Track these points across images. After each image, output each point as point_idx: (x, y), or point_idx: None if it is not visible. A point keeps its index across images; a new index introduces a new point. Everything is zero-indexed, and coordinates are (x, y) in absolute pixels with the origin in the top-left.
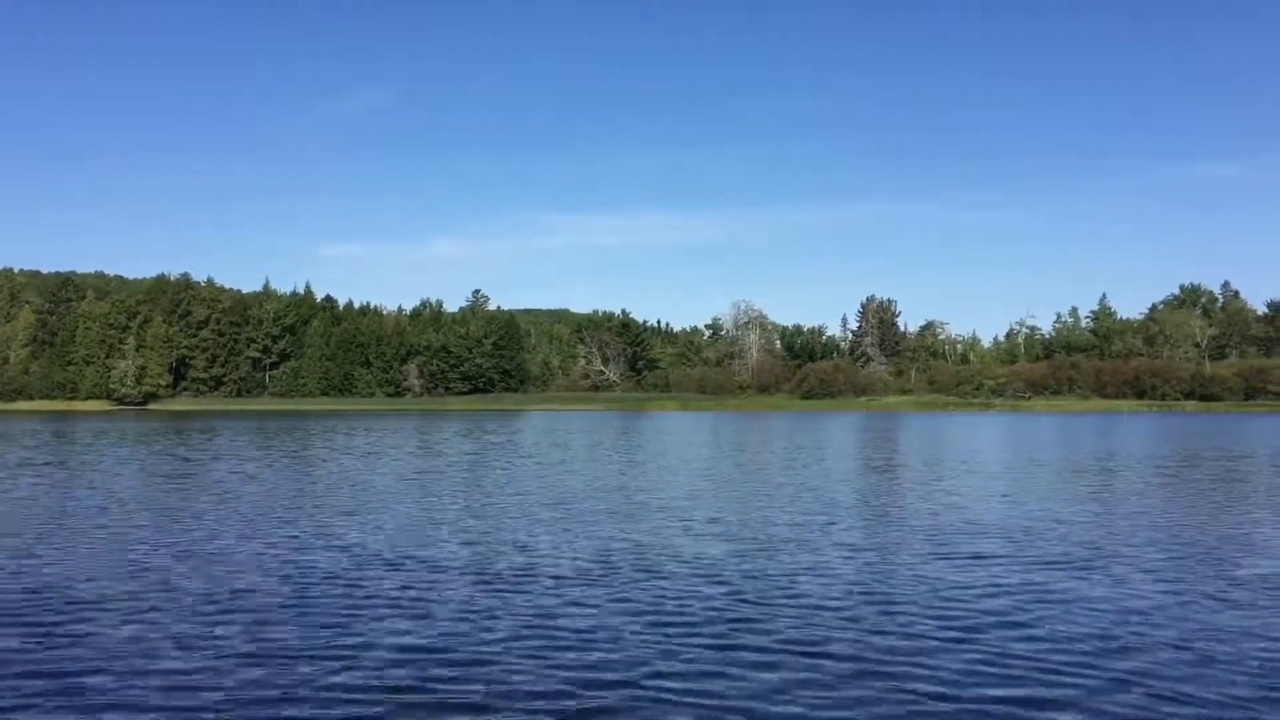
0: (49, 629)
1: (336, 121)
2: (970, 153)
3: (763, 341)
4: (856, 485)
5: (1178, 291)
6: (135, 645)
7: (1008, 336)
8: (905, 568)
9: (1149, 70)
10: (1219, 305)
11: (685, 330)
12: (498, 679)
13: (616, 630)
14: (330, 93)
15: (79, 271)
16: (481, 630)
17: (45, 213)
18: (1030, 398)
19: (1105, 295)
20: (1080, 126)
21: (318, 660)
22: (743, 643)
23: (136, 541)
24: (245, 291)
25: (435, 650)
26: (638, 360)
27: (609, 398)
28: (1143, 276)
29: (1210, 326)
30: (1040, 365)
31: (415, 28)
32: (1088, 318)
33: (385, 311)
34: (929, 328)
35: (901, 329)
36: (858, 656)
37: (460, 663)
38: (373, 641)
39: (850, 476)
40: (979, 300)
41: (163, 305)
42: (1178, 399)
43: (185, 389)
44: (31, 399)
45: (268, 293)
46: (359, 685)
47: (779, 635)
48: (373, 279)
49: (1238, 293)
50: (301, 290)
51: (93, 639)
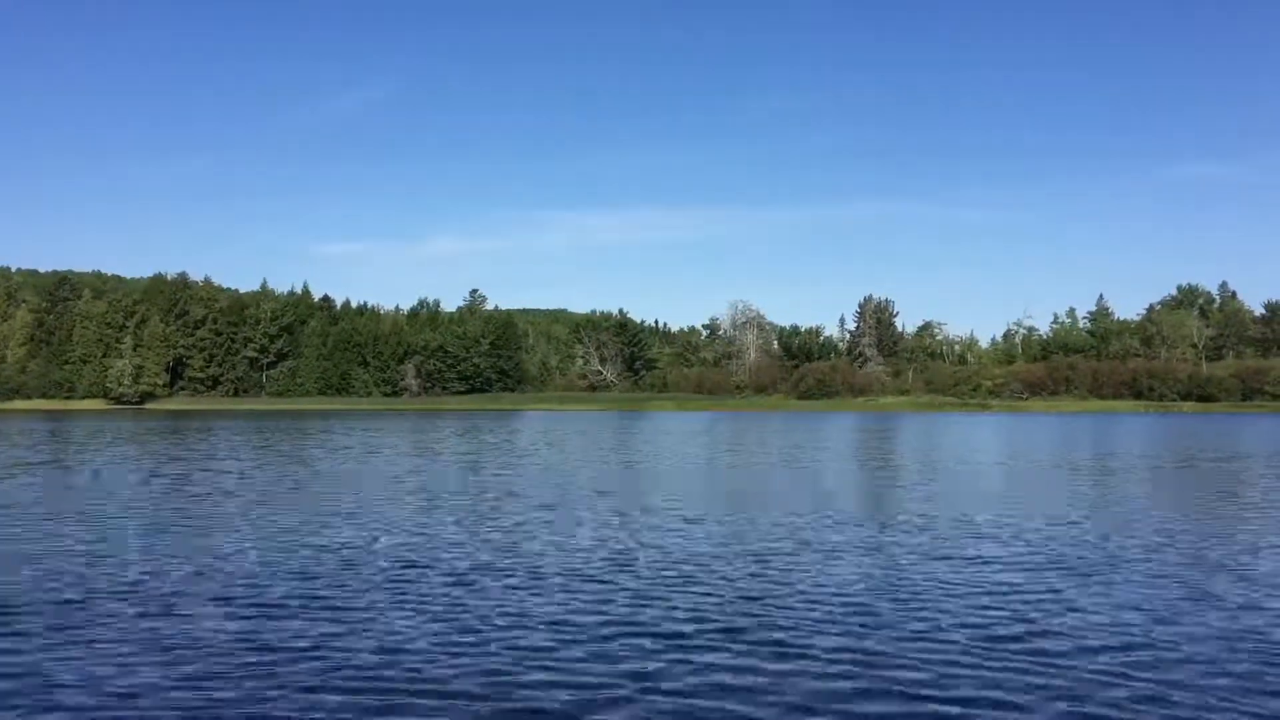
0: (50, 629)
1: (334, 120)
2: (969, 153)
3: (760, 341)
4: (852, 486)
5: (1175, 292)
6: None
7: (1005, 337)
8: (902, 569)
9: (1146, 71)
10: (1216, 306)
11: (683, 330)
12: (489, 677)
13: (613, 631)
14: (328, 91)
15: (76, 270)
16: (472, 629)
17: (42, 211)
18: (1027, 398)
19: (1103, 296)
20: (1078, 127)
21: (306, 657)
22: (739, 645)
23: (128, 541)
24: (243, 291)
25: (426, 648)
26: (635, 360)
27: (606, 398)
28: (1140, 277)
29: (1208, 327)
30: (1038, 366)
31: (412, 26)
32: (1085, 318)
33: (383, 311)
34: (927, 328)
35: (899, 329)
36: (854, 658)
37: (453, 661)
38: (364, 639)
39: (846, 477)
40: (977, 301)
41: (160, 304)
42: (1175, 400)
43: (182, 388)
44: (29, 398)
45: (265, 292)
46: (344, 685)
47: (776, 636)
48: (370, 278)
49: (1235, 293)
50: (299, 290)
51: (91, 639)
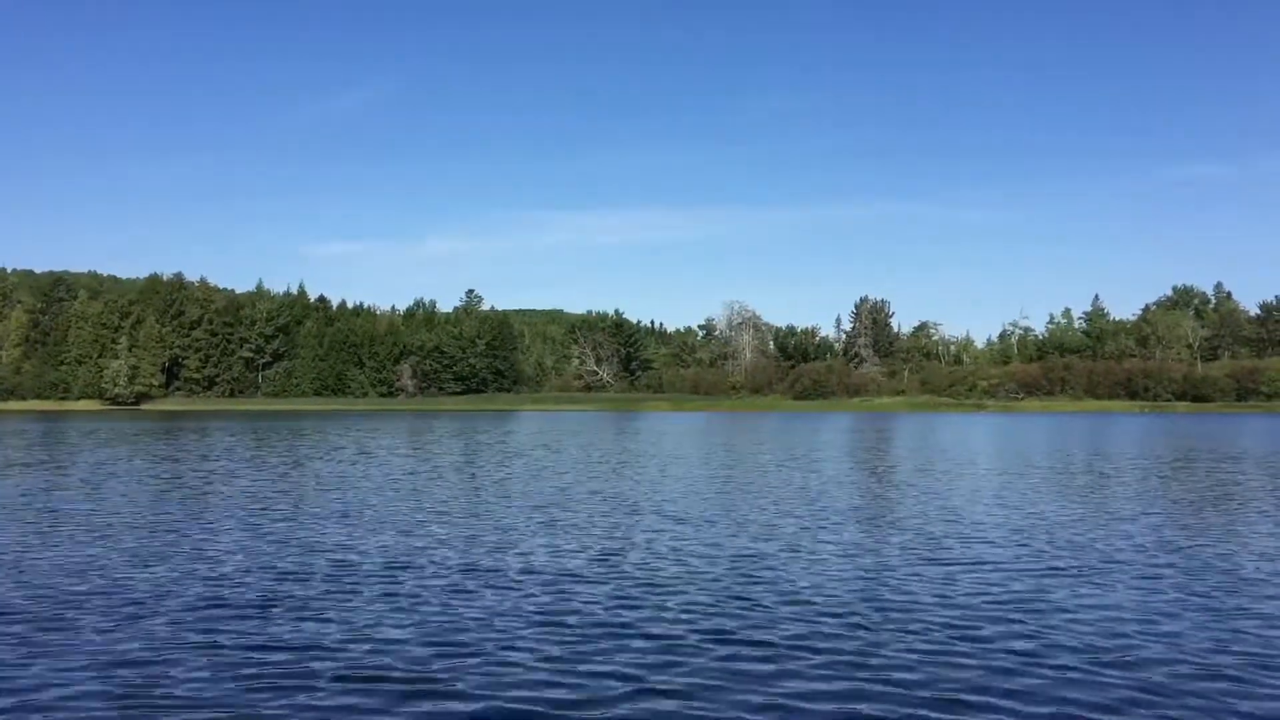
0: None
1: (330, 120)
2: (965, 154)
3: (756, 342)
4: (847, 487)
5: (1170, 293)
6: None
7: (1001, 337)
8: (898, 572)
9: (1142, 72)
10: (1211, 306)
11: (679, 330)
12: (481, 675)
13: (608, 633)
14: (324, 91)
15: (72, 271)
16: (462, 630)
17: (38, 212)
18: (1023, 398)
19: (1098, 296)
20: (1074, 128)
21: (292, 653)
22: (735, 646)
23: (119, 541)
24: (239, 291)
25: (418, 649)
26: (631, 361)
27: (602, 398)
28: (1136, 277)
29: (1203, 328)
30: (1033, 366)
31: (409, 25)
32: (1081, 318)
33: (379, 312)
34: (922, 328)
35: (895, 330)
36: (850, 661)
37: (445, 662)
38: (354, 639)
39: (842, 478)
40: (973, 301)
41: (155, 305)
42: (1170, 400)
43: (178, 389)
44: (24, 399)
45: (261, 293)
46: (332, 686)
47: (773, 637)
48: (367, 278)
49: (1230, 294)
50: (295, 290)
51: (81, 638)
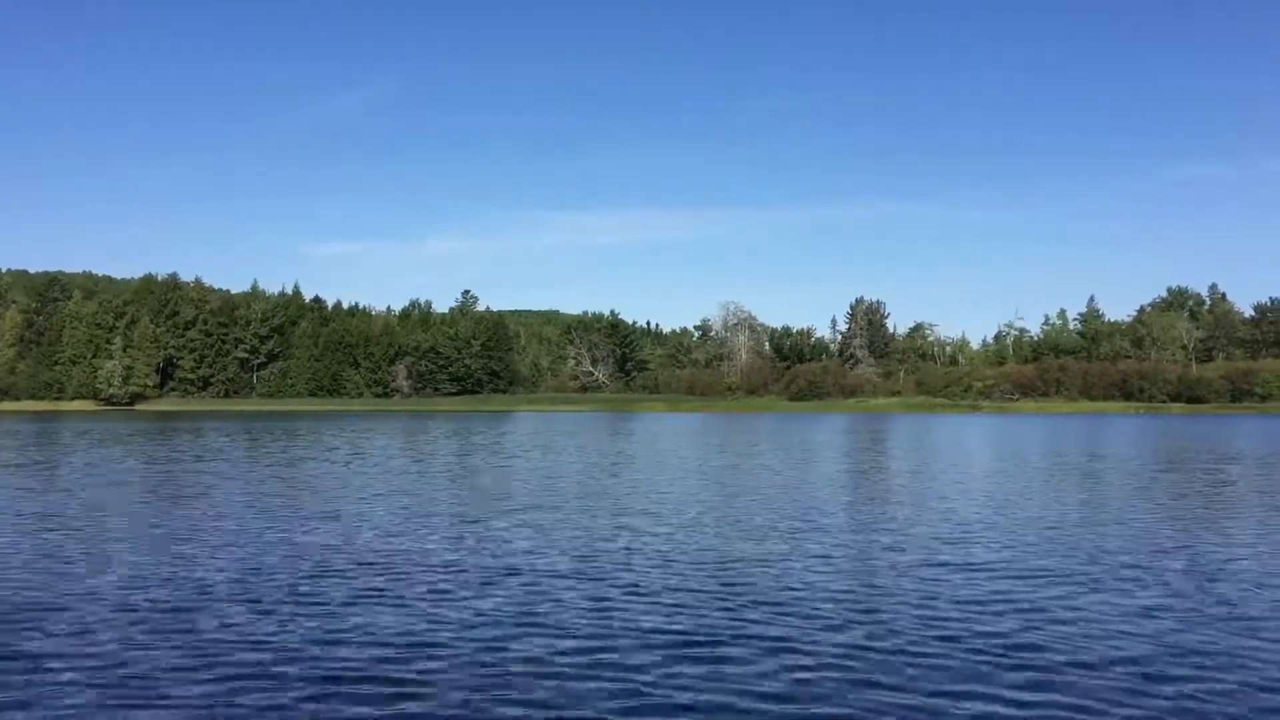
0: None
1: (330, 120)
2: (961, 154)
3: (752, 343)
4: (843, 488)
5: (1165, 294)
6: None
7: (996, 338)
8: (895, 575)
9: (1138, 72)
10: (1206, 308)
11: (674, 331)
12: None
13: (604, 635)
14: (324, 91)
15: (66, 271)
16: (455, 629)
17: (32, 212)
18: (1018, 399)
19: (1093, 297)
20: (1070, 129)
21: (272, 653)
22: (726, 647)
23: (112, 541)
24: (234, 292)
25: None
26: (627, 361)
27: (597, 399)
28: (1131, 279)
29: (1197, 329)
30: (1028, 367)
31: (408, 26)
32: (1076, 320)
33: (374, 312)
34: (918, 329)
35: (890, 330)
36: (845, 665)
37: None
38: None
39: (837, 479)
40: (968, 302)
41: (150, 305)
42: (1164, 401)
43: (173, 389)
44: (18, 399)
45: (256, 293)
46: (319, 692)
47: (768, 639)
48: (362, 279)
49: (1225, 295)
50: (290, 290)
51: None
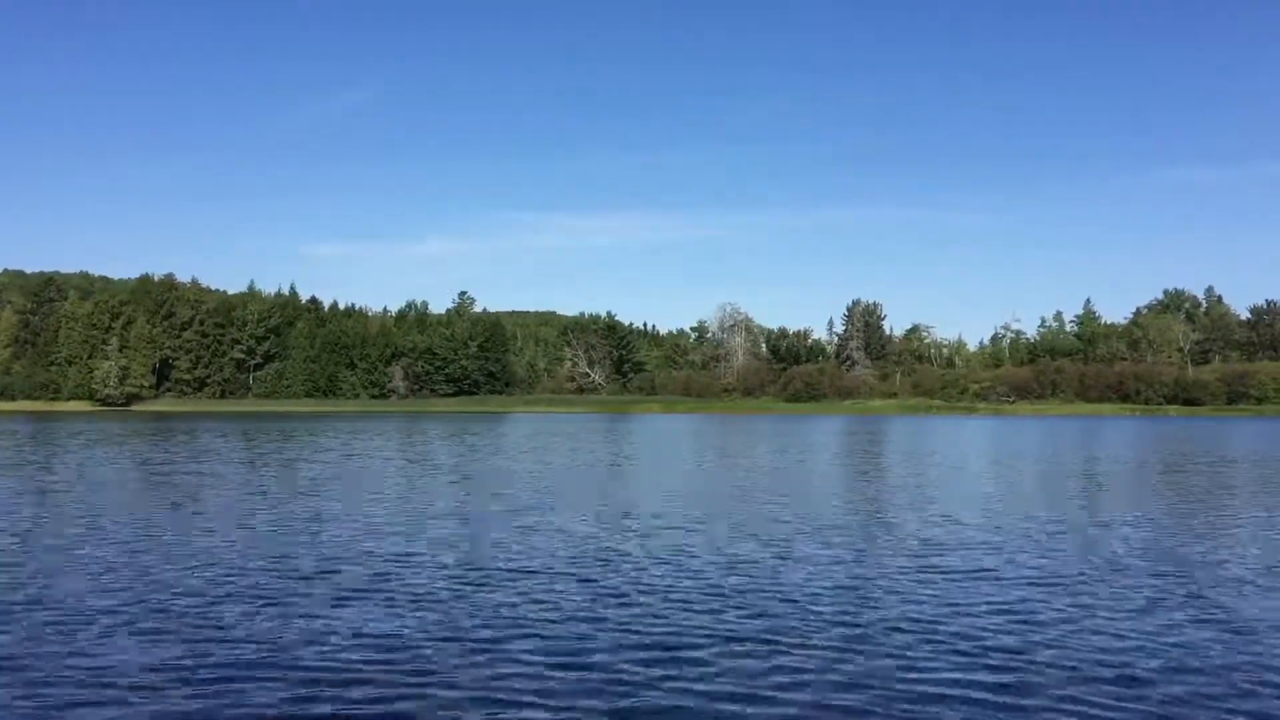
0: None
1: (329, 120)
2: (958, 157)
3: (748, 344)
4: (840, 491)
5: (1162, 296)
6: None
7: (993, 340)
8: (892, 579)
9: (1135, 75)
10: (1202, 310)
11: (671, 333)
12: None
13: (599, 635)
14: (323, 91)
15: (62, 271)
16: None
17: (28, 212)
18: (1014, 401)
19: (1090, 300)
20: (1066, 131)
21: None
22: (721, 648)
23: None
24: (230, 292)
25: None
26: (623, 363)
27: (594, 400)
28: (1127, 281)
29: (1193, 331)
30: (1024, 369)
31: (402, 26)
32: (1072, 322)
33: (370, 313)
34: (915, 331)
35: (887, 332)
36: (842, 667)
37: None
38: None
39: (834, 481)
40: (965, 304)
41: (146, 306)
42: (1160, 403)
43: (169, 390)
44: (13, 399)
45: (252, 294)
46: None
47: (765, 639)
48: (359, 279)
49: (1221, 297)
50: (286, 291)
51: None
